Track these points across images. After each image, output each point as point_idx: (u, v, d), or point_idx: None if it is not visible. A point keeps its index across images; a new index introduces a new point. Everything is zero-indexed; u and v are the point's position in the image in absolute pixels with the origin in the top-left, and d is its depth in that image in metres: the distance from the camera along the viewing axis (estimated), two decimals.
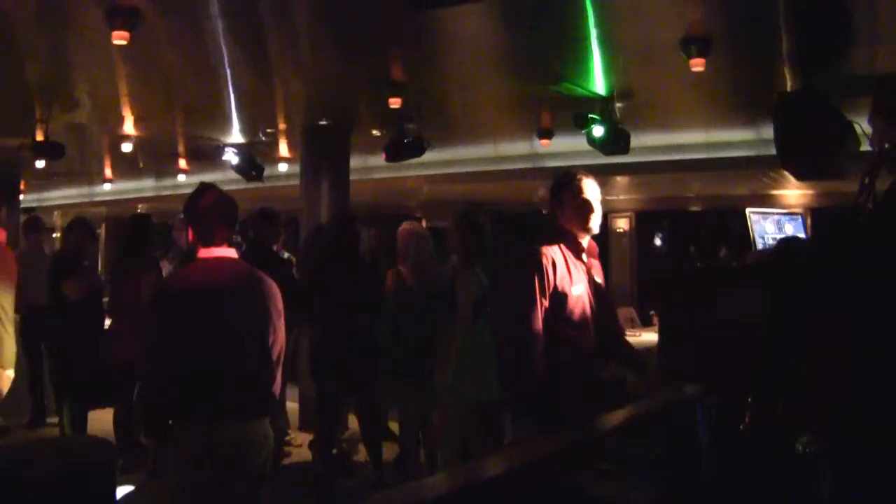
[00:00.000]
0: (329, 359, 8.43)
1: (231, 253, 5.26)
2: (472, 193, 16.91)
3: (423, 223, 18.23)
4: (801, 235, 7.56)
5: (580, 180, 5.38)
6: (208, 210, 5.31)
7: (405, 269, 8.21)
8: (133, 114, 12.34)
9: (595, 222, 5.39)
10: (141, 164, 17.28)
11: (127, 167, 18.23)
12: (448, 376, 7.43)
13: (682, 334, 4.88)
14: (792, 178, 11.52)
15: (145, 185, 20.99)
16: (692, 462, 4.01)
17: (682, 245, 17.84)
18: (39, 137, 12.82)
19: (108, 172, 19.57)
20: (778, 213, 6.68)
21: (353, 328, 8.28)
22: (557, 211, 5.44)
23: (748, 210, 7.60)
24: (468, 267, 7.55)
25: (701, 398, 4.07)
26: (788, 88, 7.90)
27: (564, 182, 5.44)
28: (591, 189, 5.38)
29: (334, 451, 9.11)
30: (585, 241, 5.46)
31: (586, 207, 5.35)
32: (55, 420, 10.35)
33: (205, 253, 5.19)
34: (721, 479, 4.01)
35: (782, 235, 7.25)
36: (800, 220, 8.00)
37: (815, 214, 14.91)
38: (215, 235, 5.22)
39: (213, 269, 5.20)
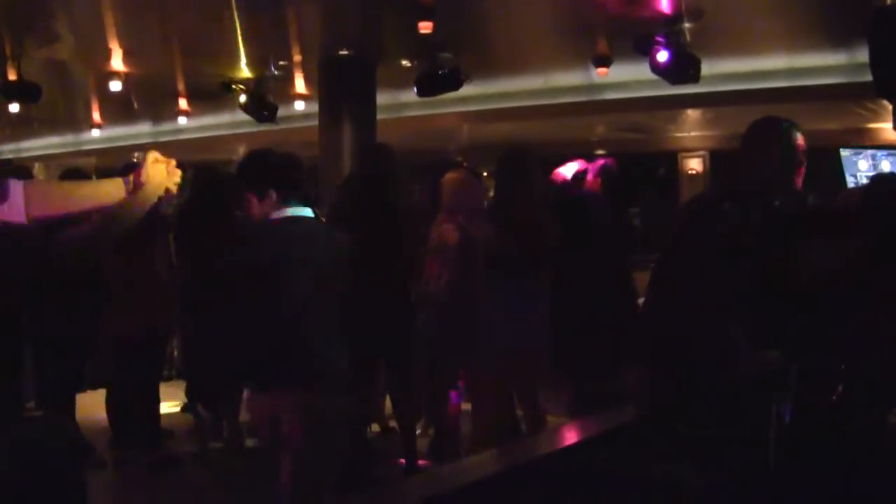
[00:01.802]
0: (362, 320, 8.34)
1: (306, 212, 5.59)
2: (520, 133, 16.88)
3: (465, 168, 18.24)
4: None
5: (796, 127, 5.21)
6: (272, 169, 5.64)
7: (463, 218, 8.23)
8: (122, 47, 12.35)
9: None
10: (135, 106, 17.34)
11: (118, 110, 18.27)
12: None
13: (765, 291, 4.86)
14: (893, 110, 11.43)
15: (141, 131, 21.04)
16: (773, 441, 4.00)
17: None
18: (11, 77, 12.81)
19: (96, 117, 19.63)
20: (873, 150, 6.58)
21: (391, 283, 8.27)
22: (763, 161, 5.18)
23: (841, 149, 7.54)
24: (497, 215, 7.68)
25: (782, 367, 4.06)
26: (889, 1, 7.82)
27: (777, 127, 5.25)
28: (802, 140, 5.22)
29: (369, 429, 9.19)
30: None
31: (801, 161, 5.16)
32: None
33: (277, 214, 5.49)
34: (808, 460, 4.01)
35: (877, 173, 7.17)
36: None
37: None
38: (285, 194, 5.53)
39: (289, 229, 5.51)
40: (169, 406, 10.22)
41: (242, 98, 14.16)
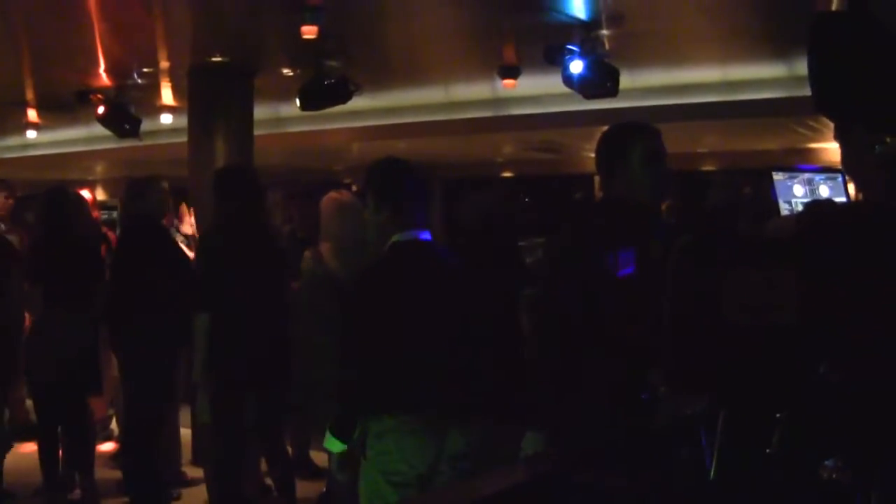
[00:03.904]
0: (233, 359, 8.26)
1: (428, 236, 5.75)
2: (419, 151, 16.89)
3: (354, 191, 18.23)
4: (840, 199, 7.56)
5: (655, 134, 5.21)
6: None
7: (326, 248, 8.21)
8: None
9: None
10: None
11: None
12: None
13: (687, 328, 4.88)
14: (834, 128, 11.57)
15: None
16: (694, 499, 4.03)
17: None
18: None
19: None
20: (810, 173, 6.61)
21: (262, 320, 8.19)
22: (618, 172, 5.18)
23: (773, 172, 7.61)
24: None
25: (707, 414, 4.09)
26: (833, 7, 7.92)
27: (634, 134, 5.23)
28: (663, 147, 5.21)
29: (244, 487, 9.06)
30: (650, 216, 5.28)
31: (663, 170, 5.16)
32: None
33: (405, 237, 5.68)
34: None
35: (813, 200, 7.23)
36: (839, 181, 7.99)
37: None
38: (416, 215, 5.79)
39: (418, 256, 5.76)
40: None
41: (101, 109, 14.01)
